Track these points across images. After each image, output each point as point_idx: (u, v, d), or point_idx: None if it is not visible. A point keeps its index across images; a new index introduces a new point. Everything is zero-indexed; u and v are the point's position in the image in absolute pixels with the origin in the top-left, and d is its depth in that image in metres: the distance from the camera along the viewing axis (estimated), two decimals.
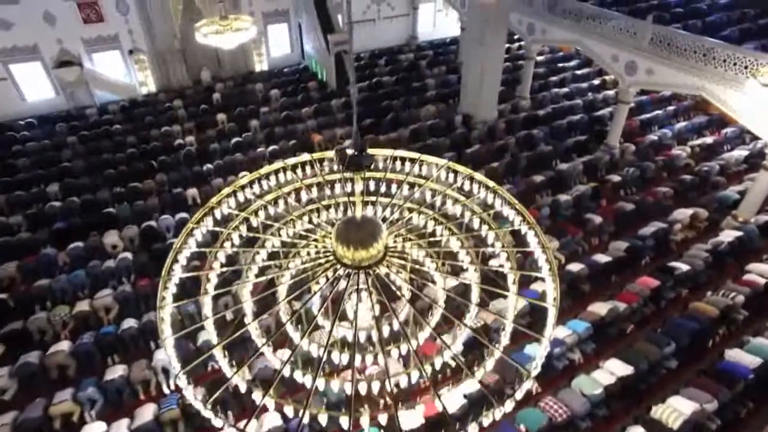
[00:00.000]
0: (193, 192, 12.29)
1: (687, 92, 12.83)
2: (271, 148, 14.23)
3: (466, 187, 5.18)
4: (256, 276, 5.49)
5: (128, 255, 10.07)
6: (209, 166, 13.53)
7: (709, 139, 14.98)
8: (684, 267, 9.79)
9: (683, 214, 11.44)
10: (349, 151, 3.91)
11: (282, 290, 5.35)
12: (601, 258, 10.20)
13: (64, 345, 8.29)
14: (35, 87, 17.02)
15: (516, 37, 20.02)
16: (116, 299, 9.15)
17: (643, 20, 12.83)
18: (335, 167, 4.66)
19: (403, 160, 5.65)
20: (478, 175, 5.10)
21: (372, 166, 5.49)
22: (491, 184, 4.98)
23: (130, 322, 8.60)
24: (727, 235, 10.75)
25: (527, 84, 17.61)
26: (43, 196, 12.44)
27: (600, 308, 8.94)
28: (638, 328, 9.22)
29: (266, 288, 5.37)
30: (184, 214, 11.23)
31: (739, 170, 13.91)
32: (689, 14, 16.24)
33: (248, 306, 5.03)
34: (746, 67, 10.68)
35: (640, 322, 9.28)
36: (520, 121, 15.94)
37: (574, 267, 9.88)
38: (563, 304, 9.57)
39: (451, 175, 5.09)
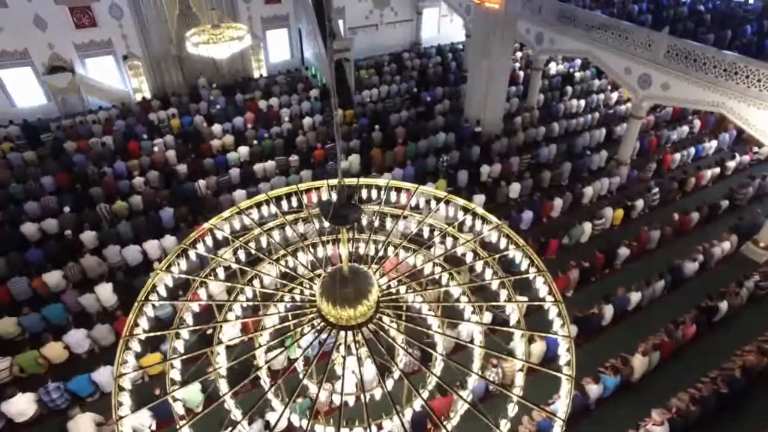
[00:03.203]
0: (183, 213, 11.63)
1: (705, 109, 12.12)
2: (269, 163, 13.53)
3: (468, 221, 4.62)
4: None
5: (109, 287, 9.32)
6: (202, 183, 12.77)
7: (738, 158, 14.03)
8: (723, 308, 9.04)
9: (722, 249, 10.64)
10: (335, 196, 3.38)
11: (262, 346, 4.76)
12: (634, 297, 9.36)
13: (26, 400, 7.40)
14: (26, 93, 16.51)
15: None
16: (91, 338, 8.50)
17: (658, 31, 12.18)
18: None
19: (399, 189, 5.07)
20: (481, 210, 4.56)
21: (366, 198, 4.92)
22: (494, 219, 4.42)
23: (106, 372, 7.73)
24: None
25: (535, 95, 16.96)
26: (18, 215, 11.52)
27: (639, 364, 8.11)
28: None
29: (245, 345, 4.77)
30: (172, 238, 10.52)
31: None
32: (719, 23, 15.27)
33: (223, 371, 4.41)
34: None
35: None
36: (533, 137, 15.27)
37: (608, 311, 9.01)
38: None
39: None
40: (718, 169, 13.49)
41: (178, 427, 3.51)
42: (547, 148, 14.21)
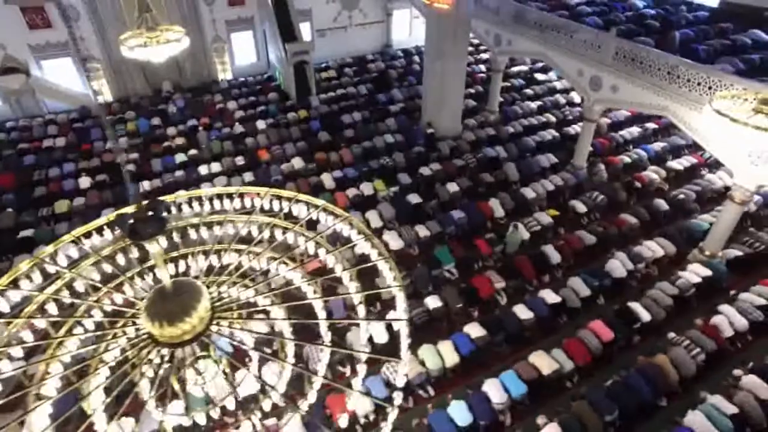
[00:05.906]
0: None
1: (652, 112, 11.90)
2: (214, 164, 13.38)
3: (345, 233, 4.48)
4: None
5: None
6: (146, 184, 12.66)
7: (687, 162, 13.76)
8: (645, 315, 8.78)
9: (651, 251, 10.38)
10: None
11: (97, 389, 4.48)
12: (550, 297, 9.14)
13: None
14: None
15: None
16: None
17: (607, 32, 11.98)
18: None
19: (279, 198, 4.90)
20: (355, 220, 4.51)
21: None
22: (367, 232, 4.34)
23: None
24: (694, 274, 9.66)
25: (495, 97, 16.74)
26: None
27: (542, 362, 7.94)
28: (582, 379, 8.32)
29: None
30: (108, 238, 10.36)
31: (716, 196, 12.63)
32: (666, 27, 15.03)
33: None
34: (710, 88, 9.78)
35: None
36: (485, 139, 15.02)
37: (520, 311, 8.83)
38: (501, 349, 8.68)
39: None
40: (664, 173, 13.23)
41: None
42: (493, 148, 14.09)
